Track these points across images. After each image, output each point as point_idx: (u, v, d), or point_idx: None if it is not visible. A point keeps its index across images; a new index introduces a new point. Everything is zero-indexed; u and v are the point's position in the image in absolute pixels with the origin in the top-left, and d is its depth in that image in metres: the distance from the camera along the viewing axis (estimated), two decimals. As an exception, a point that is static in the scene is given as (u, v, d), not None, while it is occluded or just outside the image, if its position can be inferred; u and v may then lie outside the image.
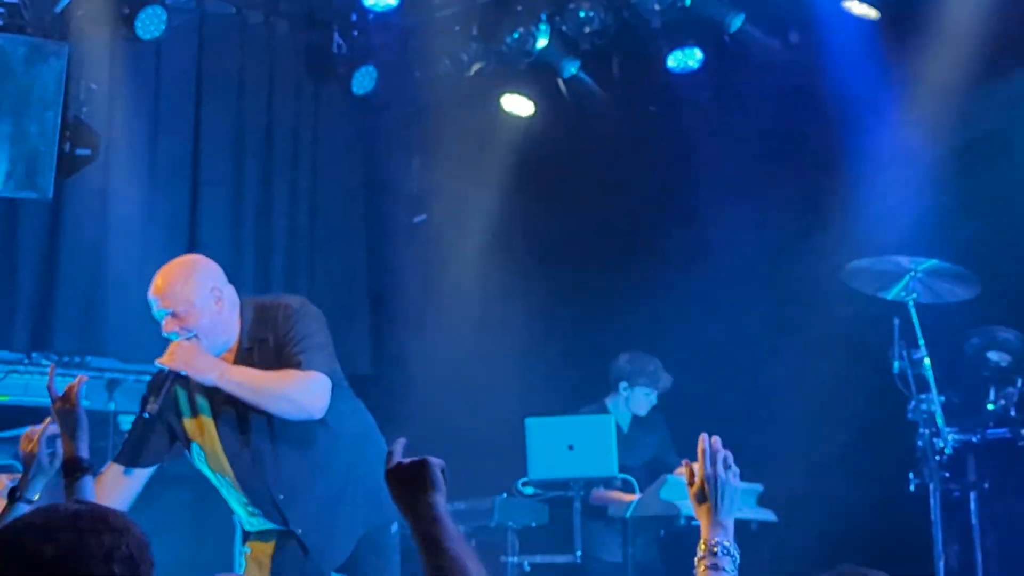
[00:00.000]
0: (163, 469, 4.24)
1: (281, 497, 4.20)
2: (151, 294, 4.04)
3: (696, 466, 3.04)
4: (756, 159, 7.53)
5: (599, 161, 7.96)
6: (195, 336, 3.99)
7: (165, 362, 3.95)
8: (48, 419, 3.56)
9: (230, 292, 4.15)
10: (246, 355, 4.11)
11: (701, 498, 2.98)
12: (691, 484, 3.01)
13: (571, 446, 5.80)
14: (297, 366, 3.99)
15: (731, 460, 3.02)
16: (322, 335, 4.18)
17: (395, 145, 7.94)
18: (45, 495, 3.36)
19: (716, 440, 3.01)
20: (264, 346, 4.13)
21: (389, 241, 8.12)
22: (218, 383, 3.96)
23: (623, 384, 6.49)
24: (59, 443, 3.44)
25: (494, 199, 8.01)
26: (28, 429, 3.51)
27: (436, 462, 2.47)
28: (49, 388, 3.53)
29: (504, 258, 7.89)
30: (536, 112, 7.74)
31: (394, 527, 4.43)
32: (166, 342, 4.19)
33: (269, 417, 4.03)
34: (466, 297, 7.79)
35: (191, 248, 7.06)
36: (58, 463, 3.42)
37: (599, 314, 7.82)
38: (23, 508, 3.29)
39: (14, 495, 3.38)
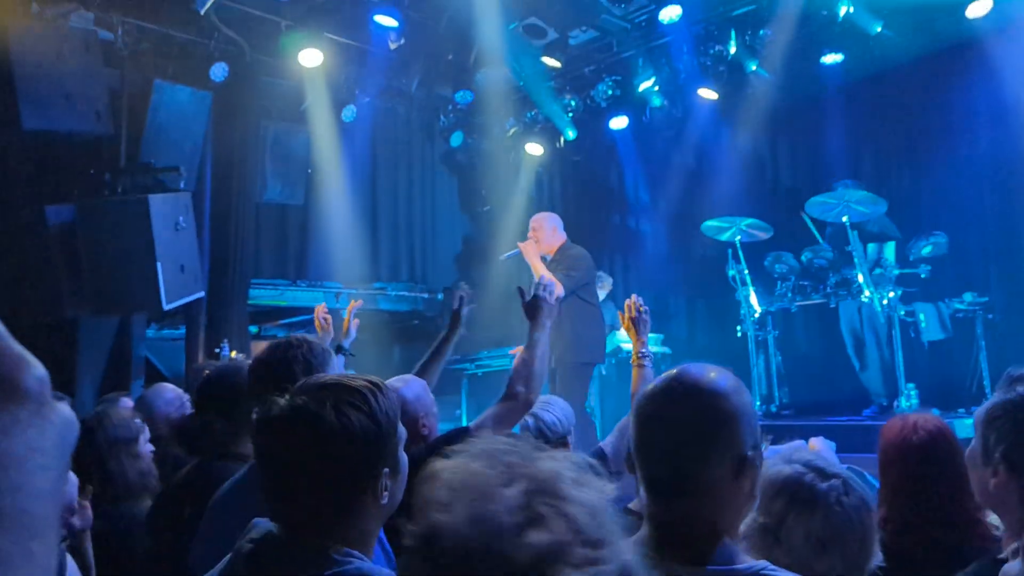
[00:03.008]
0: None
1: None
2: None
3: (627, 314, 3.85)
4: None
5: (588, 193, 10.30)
6: (534, 242, 5.96)
7: (521, 245, 5.87)
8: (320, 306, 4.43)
9: (561, 233, 6.12)
10: (549, 264, 6.01)
11: (631, 328, 3.82)
12: (624, 324, 3.89)
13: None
14: (560, 280, 5.53)
15: (647, 314, 3.88)
16: (581, 273, 5.98)
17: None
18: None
19: (638, 301, 3.91)
20: (556, 264, 5.92)
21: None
22: (531, 266, 5.79)
23: None
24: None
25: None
26: (315, 313, 4.36)
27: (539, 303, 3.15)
28: (322, 312, 4.28)
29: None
30: (545, 154, 10.41)
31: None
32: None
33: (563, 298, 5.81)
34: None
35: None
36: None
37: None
38: (341, 358, 3.88)
39: (338, 350, 3.95)
